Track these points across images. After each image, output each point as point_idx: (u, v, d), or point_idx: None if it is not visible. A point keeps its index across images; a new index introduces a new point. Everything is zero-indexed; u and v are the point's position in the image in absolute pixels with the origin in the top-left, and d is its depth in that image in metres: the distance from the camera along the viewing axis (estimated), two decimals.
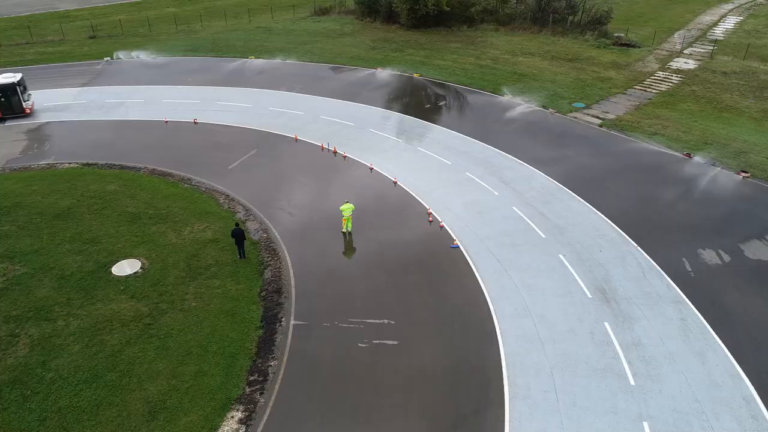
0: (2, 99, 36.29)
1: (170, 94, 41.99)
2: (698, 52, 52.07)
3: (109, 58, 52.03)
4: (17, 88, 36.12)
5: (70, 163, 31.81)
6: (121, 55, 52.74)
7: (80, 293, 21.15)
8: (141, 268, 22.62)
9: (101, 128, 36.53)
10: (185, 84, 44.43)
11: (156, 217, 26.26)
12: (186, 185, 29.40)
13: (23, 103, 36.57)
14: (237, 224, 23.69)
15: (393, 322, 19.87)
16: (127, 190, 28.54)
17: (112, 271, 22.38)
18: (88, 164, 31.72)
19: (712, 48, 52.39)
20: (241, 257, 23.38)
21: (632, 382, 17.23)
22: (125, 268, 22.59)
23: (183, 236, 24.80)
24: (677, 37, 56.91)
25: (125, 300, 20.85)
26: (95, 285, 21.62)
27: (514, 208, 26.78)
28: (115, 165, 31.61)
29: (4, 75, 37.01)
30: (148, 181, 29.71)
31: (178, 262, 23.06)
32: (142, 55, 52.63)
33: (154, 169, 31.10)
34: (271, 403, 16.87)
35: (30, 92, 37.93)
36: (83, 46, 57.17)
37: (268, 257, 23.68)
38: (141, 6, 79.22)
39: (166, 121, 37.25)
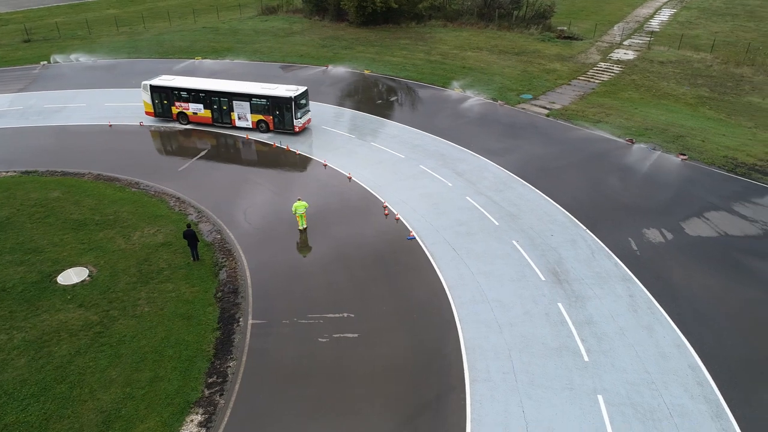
0: (276, 112, 33.76)
1: (114, 98, 40.65)
2: (636, 43, 54.27)
3: (45, 63, 49.89)
4: (292, 103, 33.09)
5: (7, 172, 30.28)
6: (58, 58, 50.64)
7: (23, 305, 20.17)
8: (89, 275, 21.78)
9: (41, 134, 34.99)
10: (129, 87, 43.04)
11: (103, 223, 25.33)
12: (134, 189, 28.49)
13: (294, 120, 33.65)
14: (189, 225, 23.11)
15: (353, 316, 19.85)
16: (71, 197, 27.42)
17: (58, 281, 21.45)
18: (27, 172, 30.31)
19: (649, 39, 54.71)
20: (194, 259, 22.84)
21: (586, 358, 17.81)
22: (71, 276, 21.69)
23: (132, 241, 24.03)
24: (617, 30, 59.15)
25: (73, 309, 20.02)
26: (39, 296, 20.66)
27: (467, 198, 27.21)
28: (56, 172, 30.33)
29: (288, 87, 34.22)
30: (94, 187, 28.63)
31: (129, 267, 22.33)
32: (82, 58, 50.70)
33: (99, 174, 29.99)
34: (231, 404, 16.54)
35: (308, 109, 35.10)
36: (17, 50, 54.59)
37: (223, 258, 23.23)
38: (79, 8, 76.31)
39: (110, 125, 36.01)
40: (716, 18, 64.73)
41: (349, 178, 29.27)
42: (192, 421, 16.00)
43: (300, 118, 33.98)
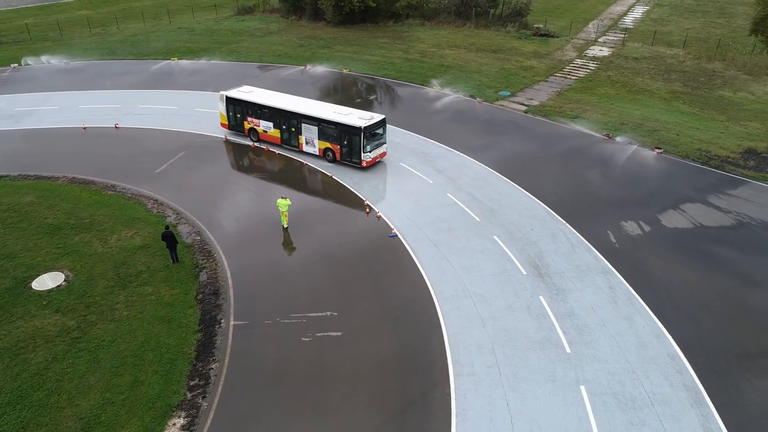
0: (345, 141, 29.48)
1: (88, 100, 39.89)
2: (611, 40, 55.04)
3: (16, 65, 48.75)
4: (361, 134, 28.59)
5: None
6: (29, 60, 49.51)
7: None
8: (65, 280, 21.31)
9: (11, 138, 34.15)
10: (104, 88, 42.31)
11: (78, 226, 24.81)
12: (110, 192, 27.97)
13: (362, 154, 29.16)
14: (167, 227, 22.73)
15: (336, 314, 19.75)
16: (45, 201, 26.80)
17: (33, 286, 20.95)
18: None
19: (623, 36, 55.53)
20: (174, 261, 22.51)
21: (568, 350, 17.99)
22: (47, 281, 21.21)
23: (110, 244, 23.58)
24: (591, 27, 59.89)
25: (49, 315, 19.56)
26: (14, 302, 20.15)
27: (448, 194, 27.29)
28: (29, 176, 29.62)
29: (362, 114, 29.69)
30: (68, 191, 28.02)
31: (106, 271, 21.90)
32: (54, 60, 49.64)
33: (73, 177, 29.38)
34: (214, 406, 16.33)
35: (384, 141, 30.32)
36: None
37: (203, 259, 22.93)
38: (50, 9, 74.66)
39: (84, 128, 35.30)
40: (688, 14, 66.02)
41: (330, 177, 29.14)
42: (174, 424, 15.75)
43: (369, 151, 29.32)
